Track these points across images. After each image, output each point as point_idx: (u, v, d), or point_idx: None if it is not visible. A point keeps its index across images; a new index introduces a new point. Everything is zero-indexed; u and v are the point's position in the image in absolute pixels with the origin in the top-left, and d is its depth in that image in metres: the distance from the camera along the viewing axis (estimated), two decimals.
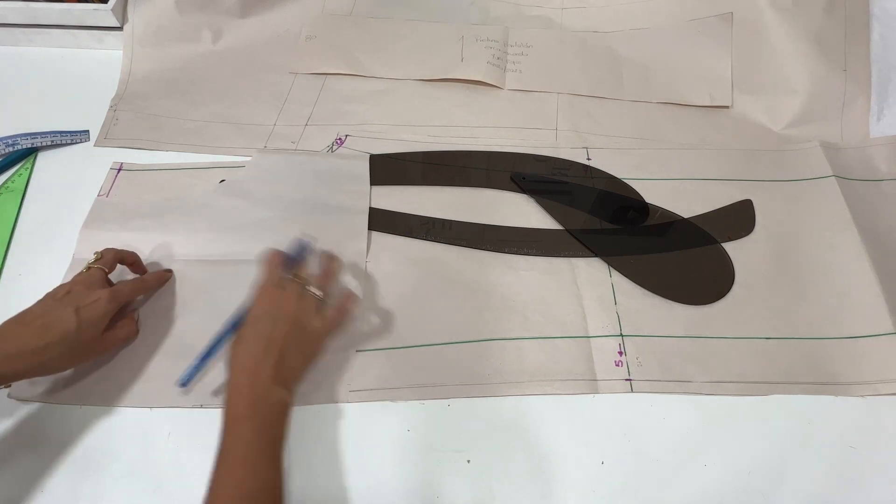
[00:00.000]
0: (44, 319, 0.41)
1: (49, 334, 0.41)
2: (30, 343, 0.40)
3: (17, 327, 0.41)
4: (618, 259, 0.53)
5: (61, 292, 0.44)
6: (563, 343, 0.48)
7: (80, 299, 0.43)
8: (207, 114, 0.65)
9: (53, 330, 0.41)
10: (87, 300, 0.43)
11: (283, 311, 0.41)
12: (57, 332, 0.41)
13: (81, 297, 0.43)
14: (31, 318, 0.42)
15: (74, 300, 0.43)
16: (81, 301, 0.43)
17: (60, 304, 0.42)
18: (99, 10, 0.67)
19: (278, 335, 0.40)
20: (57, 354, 0.41)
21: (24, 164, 0.61)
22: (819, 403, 0.45)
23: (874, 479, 0.42)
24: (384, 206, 0.56)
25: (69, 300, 0.43)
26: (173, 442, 0.44)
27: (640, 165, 0.59)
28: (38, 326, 0.41)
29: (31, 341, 0.40)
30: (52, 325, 0.41)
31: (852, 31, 0.62)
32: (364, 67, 0.69)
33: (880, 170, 0.58)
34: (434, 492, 0.42)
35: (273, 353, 0.40)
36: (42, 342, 0.40)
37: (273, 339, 0.40)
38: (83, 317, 0.42)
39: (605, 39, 0.70)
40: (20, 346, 0.40)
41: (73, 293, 0.43)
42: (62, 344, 0.41)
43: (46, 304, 0.43)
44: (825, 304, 0.50)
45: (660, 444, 0.44)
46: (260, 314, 0.42)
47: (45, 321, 0.41)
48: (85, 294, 0.43)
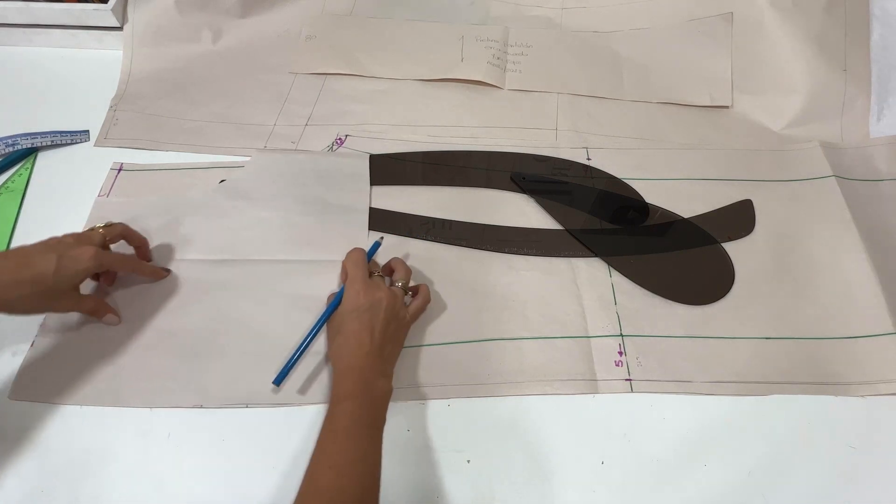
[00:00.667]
0: (25, 259, 0.42)
1: (25, 272, 0.41)
2: (4, 275, 0.40)
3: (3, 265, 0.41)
4: (618, 259, 0.53)
5: (53, 240, 0.44)
6: (563, 343, 0.48)
7: (65, 248, 0.43)
8: (207, 114, 0.65)
9: (30, 269, 0.41)
10: (72, 251, 0.43)
11: (380, 303, 0.44)
12: (32, 271, 0.41)
13: (68, 247, 0.43)
14: (15, 254, 0.42)
15: (60, 247, 0.43)
16: (66, 250, 0.43)
17: (45, 248, 0.43)
18: (99, 10, 0.67)
19: (379, 325, 0.43)
20: (26, 294, 0.41)
21: (24, 164, 0.61)
22: (819, 403, 0.45)
23: (874, 479, 0.42)
24: (384, 206, 0.56)
25: (55, 246, 0.43)
26: (173, 442, 0.44)
27: (640, 165, 0.59)
28: (17, 263, 0.41)
29: (5, 274, 0.40)
30: (30, 265, 0.41)
31: (852, 31, 0.62)
32: (364, 67, 0.69)
33: (880, 170, 0.58)
34: (434, 492, 0.42)
35: (377, 342, 0.42)
36: (15, 277, 0.40)
37: (375, 329, 0.43)
38: (62, 264, 0.42)
39: (605, 39, 0.70)
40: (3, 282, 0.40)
41: (63, 242, 0.44)
42: (33, 285, 0.41)
43: (33, 246, 0.43)
44: (825, 304, 0.50)
45: (660, 444, 0.44)
46: (359, 306, 0.44)
47: (25, 260, 0.42)
48: (72, 245, 0.44)
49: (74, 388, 0.46)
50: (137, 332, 0.48)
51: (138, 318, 0.49)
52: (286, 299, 0.50)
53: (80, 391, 0.46)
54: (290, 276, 0.51)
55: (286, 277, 0.51)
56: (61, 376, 0.46)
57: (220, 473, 0.43)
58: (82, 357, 0.47)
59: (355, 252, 0.48)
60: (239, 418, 0.45)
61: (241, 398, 0.45)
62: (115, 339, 0.48)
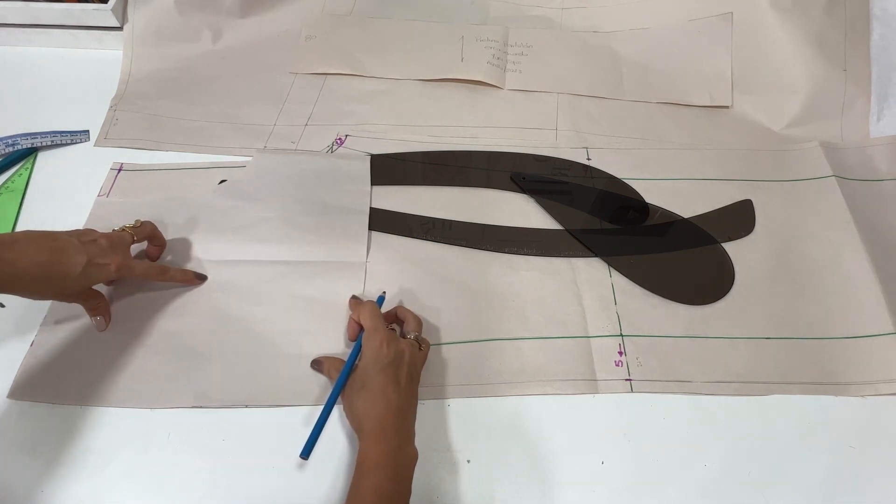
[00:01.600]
0: (60, 255, 0.41)
1: (54, 269, 0.41)
2: (35, 269, 0.40)
3: (36, 244, 0.41)
4: (618, 259, 0.53)
5: (87, 237, 0.44)
6: (563, 343, 0.48)
7: (96, 255, 0.43)
8: (207, 114, 0.65)
9: (60, 265, 0.41)
10: (101, 260, 0.43)
11: (403, 356, 0.43)
12: (62, 267, 0.41)
13: (98, 254, 0.43)
14: (51, 245, 0.41)
15: (92, 252, 0.43)
16: (96, 257, 0.43)
17: (79, 248, 0.42)
18: (99, 10, 0.67)
19: (403, 379, 0.42)
20: (44, 287, 0.42)
21: (24, 164, 0.61)
22: (819, 403, 0.45)
23: (874, 479, 0.42)
24: (384, 206, 0.56)
25: (88, 249, 0.43)
26: (173, 442, 0.44)
27: (640, 165, 0.59)
28: (50, 258, 0.41)
29: (36, 268, 0.40)
30: (61, 263, 0.41)
31: (852, 31, 0.62)
32: (364, 67, 0.69)
33: (880, 170, 0.58)
34: (434, 492, 0.42)
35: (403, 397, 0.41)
36: (45, 273, 0.41)
37: (400, 384, 0.41)
38: (87, 272, 0.42)
39: (605, 39, 0.70)
40: (27, 266, 0.40)
41: (96, 245, 0.44)
42: (55, 279, 0.41)
43: (69, 241, 0.43)
44: (825, 304, 0.50)
45: (660, 444, 0.44)
46: (383, 359, 0.42)
47: (59, 257, 0.41)
48: (103, 253, 0.44)
49: (74, 388, 0.46)
50: (137, 333, 0.48)
51: (138, 318, 0.49)
52: (286, 300, 0.50)
53: (80, 391, 0.46)
54: (290, 277, 0.51)
55: (286, 278, 0.51)
56: (61, 376, 0.46)
57: (220, 473, 0.43)
58: (82, 357, 0.47)
59: (369, 304, 0.46)
60: (239, 418, 0.45)
61: (240, 398, 0.45)
62: (115, 339, 0.48)
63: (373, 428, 0.39)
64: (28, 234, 0.41)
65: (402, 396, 0.41)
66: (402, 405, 0.41)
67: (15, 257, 0.39)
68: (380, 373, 0.41)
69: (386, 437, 0.39)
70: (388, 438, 0.39)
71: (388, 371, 0.41)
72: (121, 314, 0.49)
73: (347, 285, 0.51)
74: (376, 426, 0.39)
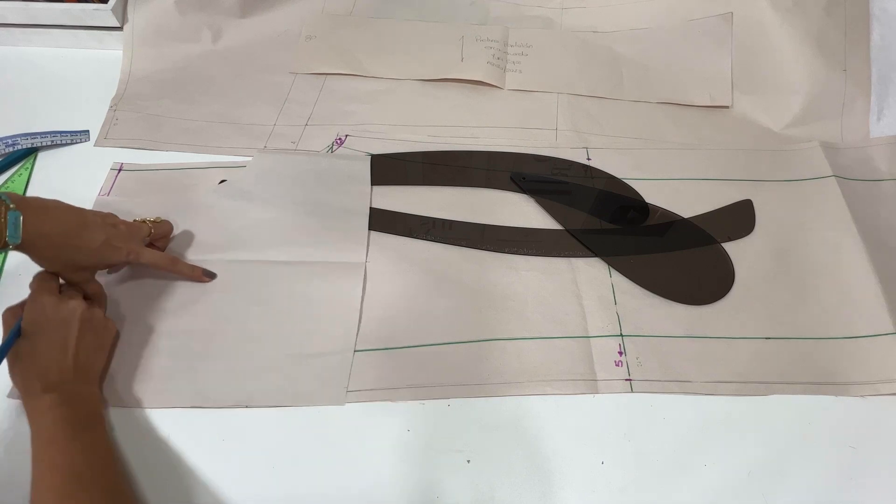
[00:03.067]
0: (83, 228, 0.43)
1: (76, 240, 0.43)
2: (59, 237, 0.42)
3: (65, 214, 0.43)
4: (618, 259, 0.53)
5: (111, 220, 0.46)
6: (563, 343, 0.48)
7: (114, 237, 0.45)
8: (207, 114, 0.65)
9: (81, 239, 0.43)
10: (117, 242, 0.45)
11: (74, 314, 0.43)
12: (84, 240, 0.43)
13: (116, 237, 0.45)
14: (77, 218, 0.43)
15: (113, 234, 0.45)
16: (113, 239, 0.45)
17: (101, 226, 0.45)
18: (99, 10, 0.67)
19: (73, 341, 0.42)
20: (61, 256, 0.43)
21: (24, 164, 0.61)
22: (819, 403, 0.45)
23: (874, 479, 0.42)
24: (384, 206, 0.56)
25: (110, 231, 0.45)
26: (173, 442, 0.44)
27: (640, 165, 0.59)
28: (74, 228, 0.43)
29: (61, 236, 0.42)
30: (82, 235, 0.43)
31: (852, 31, 0.62)
32: (364, 67, 0.69)
33: (880, 170, 0.58)
34: (434, 492, 0.42)
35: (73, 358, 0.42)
36: (66, 241, 0.42)
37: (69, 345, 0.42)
38: (103, 249, 0.44)
39: (605, 39, 0.70)
40: (53, 230, 0.41)
41: (118, 229, 0.46)
42: (74, 252, 0.43)
43: (94, 217, 0.45)
44: (825, 304, 0.50)
45: (660, 444, 0.44)
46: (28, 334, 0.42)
47: (82, 230, 0.43)
48: (120, 237, 0.46)
49: None
50: (137, 333, 0.48)
51: (138, 318, 0.49)
52: (286, 300, 0.50)
53: None
54: (289, 277, 0.51)
55: (286, 278, 0.51)
56: None
57: (220, 473, 0.43)
58: None
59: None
60: (239, 418, 0.45)
61: (240, 398, 0.45)
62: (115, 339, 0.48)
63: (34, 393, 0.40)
64: (58, 204, 0.43)
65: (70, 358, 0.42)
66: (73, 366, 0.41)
67: (46, 219, 0.41)
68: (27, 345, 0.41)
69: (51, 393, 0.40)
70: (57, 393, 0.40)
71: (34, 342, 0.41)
72: (121, 314, 0.49)
73: (347, 285, 0.51)
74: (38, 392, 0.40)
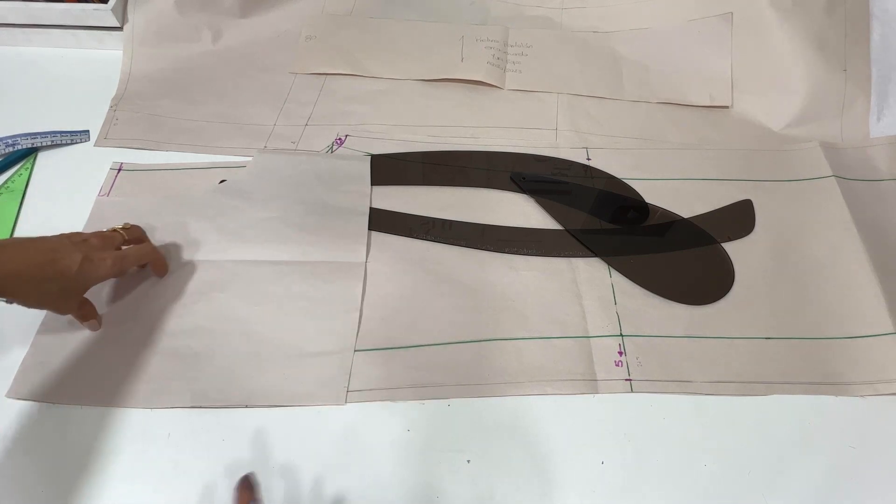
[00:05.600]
0: (53, 254, 0.41)
1: (50, 269, 0.41)
2: (31, 270, 0.40)
3: (26, 249, 0.41)
4: (618, 259, 0.53)
5: (78, 238, 0.44)
6: (563, 343, 0.48)
7: (91, 251, 0.43)
8: (207, 114, 0.65)
9: (56, 265, 0.41)
10: (96, 255, 0.43)
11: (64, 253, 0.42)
12: (58, 268, 0.41)
13: (93, 250, 0.44)
14: (42, 246, 0.42)
15: (86, 249, 0.43)
16: (91, 253, 0.43)
17: (72, 247, 0.43)
18: (99, 10, 0.67)
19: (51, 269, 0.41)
20: (44, 291, 0.41)
21: (24, 164, 0.60)
22: (819, 403, 0.45)
23: (874, 479, 0.42)
24: (384, 206, 0.56)
25: (82, 247, 0.43)
26: (173, 442, 0.44)
27: (640, 165, 0.59)
28: (45, 258, 0.41)
29: (32, 269, 0.40)
30: (57, 261, 0.41)
31: (852, 31, 0.62)
32: (364, 67, 0.69)
33: (880, 170, 0.58)
34: (434, 492, 0.42)
35: None
36: (41, 274, 0.40)
37: None
38: (85, 266, 0.42)
39: (605, 39, 0.70)
40: (21, 268, 0.39)
41: (88, 243, 0.44)
42: (55, 282, 0.41)
43: (60, 241, 0.43)
44: (825, 304, 0.50)
45: (660, 444, 0.44)
46: None
47: (53, 256, 0.41)
48: (97, 248, 0.44)
49: (74, 387, 0.46)
50: (137, 332, 0.48)
51: (138, 318, 0.49)
52: (286, 300, 0.50)
53: (79, 391, 0.46)
54: (289, 277, 0.51)
55: (286, 278, 0.51)
56: (61, 376, 0.46)
57: (220, 473, 0.43)
58: (82, 357, 0.47)
59: None
60: (239, 418, 0.45)
61: (240, 398, 0.45)
62: (115, 338, 0.48)
63: None
64: (17, 240, 0.42)
65: None
66: None
67: (8, 258, 0.39)
68: None
69: None
70: None
71: None
72: (120, 314, 0.49)
73: (347, 285, 0.51)
74: None
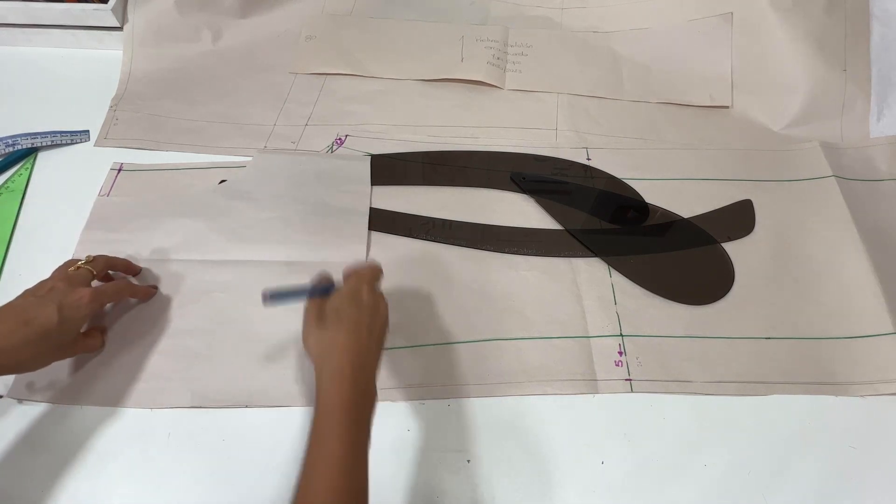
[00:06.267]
0: (25, 315, 0.40)
1: (29, 330, 0.39)
2: (9, 339, 0.38)
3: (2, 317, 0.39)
4: (618, 259, 0.53)
5: (43, 289, 0.42)
6: (563, 343, 0.48)
7: (63, 296, 0.41)
8: (207, 114, 0.65)
9: (34, 326, 0.39)
10: (70, 298, 0.41)
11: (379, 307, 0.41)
12: (37, 328, 0.39)
13: (64, 295, 0.41)
14: (12, 313, 0.40)
15: (57, 297, 0.41)
16: (64, 298, 0.41)
17: (42, 301, 0.41)
18: (99, 10, 0.67)
19: (377, 329, 0.40)
20: (35, 353, 0.40)
21: (24, 164, 0.61)
22: (819, 403, 0.45)
23: (874, 479, 0.42)
24: (384, 206, 0.56)
25: (52, 297, 0.41)
26: (173, 442, 0.44)
27: (640, 165, 0.59)
28: (18, 322, 0.39)
29: (10, 337, 0.38)
30: (33, 321, 0.39)
31: (852, 31, 0.62)
32: (364, 67, 0.69)
33: (880, 170, 0.58)
34: (434, 492, 0.42)
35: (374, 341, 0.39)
36: (22, 339, 0.39)
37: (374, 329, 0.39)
38: (65, 315, 0.41)
39: (605, 39, 0.70)
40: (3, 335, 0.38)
41: (56, 290, 0.42)
42: (42, 341, 0.40)
43: (27, 301, 0.41)
44: (825, 304, 0.50)
45: (660, 444, 0.44)
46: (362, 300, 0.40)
47: (26, 317, 0.39)
48: (68, 291, 0.42)
49: (74, 387, 0.46)
50: (137, 333, 0.48)
51: (137, 318, 0.49)
52: None
53: (80, 391, 0.46)
54: (290, 277, 0.51)
55: (286, 278, 0.51)
56: (61, 376, 0.46)
57: (220, 473, 0.43)
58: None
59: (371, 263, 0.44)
60: (239, 418, 0.45)
61: (240, 398, 0.45)
62: (115, 339, 0.48)
63: (339, 366, 0.36)
64: None
65: (372, 342, 0.39)
66: (370, 350, 0.39)
67: None
68: (356, 310, 0.39)
69: (353, 378, 0.36)
70: (354, 379, 0.36)
71: (364, 312, 0.39)
72: (120, 315, 0.49)
73: None
74: (344, 364, 0.36)
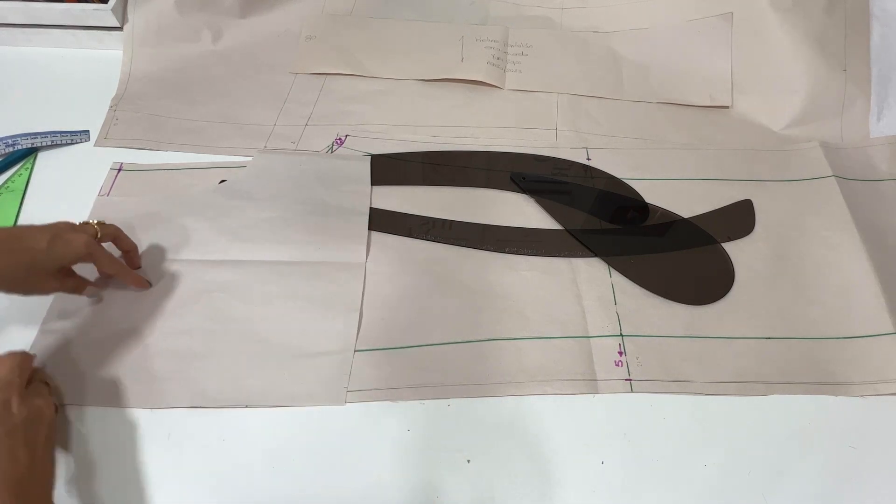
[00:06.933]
0: (19, 234, 0.41)
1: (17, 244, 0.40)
2: None
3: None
4: (618, 259, 0.53)
5: (49, 224, 0.44)
6: (563, 343, 0.48)
7: (60, 231, 0.43)
8: (207, 114, 0.65)
9: (22, 242, 0.41)
10: (66, 234, 0.43)
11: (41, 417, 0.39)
12: (24, 245, 0.41)
13: (62, 231, 0.43)
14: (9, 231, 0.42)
15: (55, 229, 0.43)
16: (61, 233, 0.43)
17: (40, 228, 0.42)
18: (99, 10, 0.67)
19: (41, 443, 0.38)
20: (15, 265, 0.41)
21: (24, 164, 0.60)
22: (819, 403, 0.45)
23: (874, 479, 0.42)
24: (384, 206, 0.56)
25: (50, 228, 0.43)
26: (173, 442, 0.44)
27: (640, 165, 0.59)
28: (9, 235, 0.41)
29: None
30: (22, 238, 0.41)
31: (852, 31, 0.62)
32: (364, 67, 0.69)
33: (880, 170, 0.58)
34: (434, 492, 0.42)
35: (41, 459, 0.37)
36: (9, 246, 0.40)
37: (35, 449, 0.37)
38: (54, 244, 0.42)
39: (605, 39, 0.70)
40: None
41: (57, 226, 0.44)
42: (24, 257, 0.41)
43: (29, 227, 0.43)
44: (825, 304, 0.50)
45: (660, 444, 0.44)
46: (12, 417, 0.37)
47: (18, 233, 0.41)
48: (67, 230, 0.44)
49: (74, 388, 0.46)
50: (136, 332, 0.48)
51: (137, 318, 0.49)
52: (286, 300, 0.50)
53: (79, 391, 0.46)
54: (289, 277, 0.51)
55: (286, 278, 0.51)
56: (61, 376, 0.46)
57: (220, 473, 0.43)
58: (82, 357, 0.47)
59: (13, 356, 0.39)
60: (239, 418, 0.45)
61: (240, 398, 0.45)
62: (115, 339, 0.48)
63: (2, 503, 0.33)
64: None
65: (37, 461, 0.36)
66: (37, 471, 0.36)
67: None
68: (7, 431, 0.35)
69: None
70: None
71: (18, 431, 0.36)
72: (119, 314, 0.49)
73: (347, 285, 0.51)
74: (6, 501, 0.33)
